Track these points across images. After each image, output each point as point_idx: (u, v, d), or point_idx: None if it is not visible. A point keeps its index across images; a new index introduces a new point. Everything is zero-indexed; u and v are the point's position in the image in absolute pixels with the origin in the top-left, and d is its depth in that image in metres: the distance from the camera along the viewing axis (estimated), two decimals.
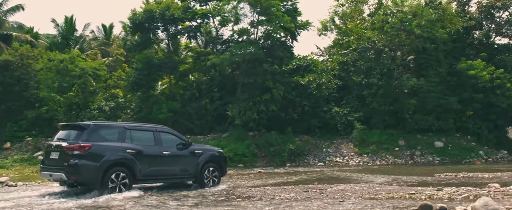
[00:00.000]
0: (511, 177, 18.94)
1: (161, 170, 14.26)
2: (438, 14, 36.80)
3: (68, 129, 13.75)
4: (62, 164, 12.62)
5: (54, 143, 13.45)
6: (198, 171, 14.93)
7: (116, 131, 13.59)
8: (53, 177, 13.21)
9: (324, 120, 35.26)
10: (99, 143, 12.89)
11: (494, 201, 9.26)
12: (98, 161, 12.61)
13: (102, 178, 12.63)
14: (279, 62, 35.70)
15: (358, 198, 12.35)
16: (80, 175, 12.58)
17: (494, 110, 36.41)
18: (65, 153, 12.60)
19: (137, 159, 13.41)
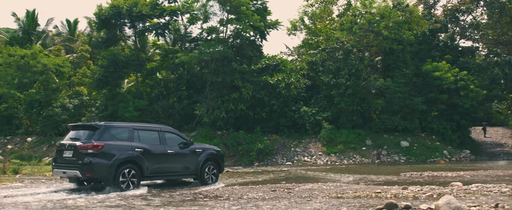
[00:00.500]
0: (473, 176, 19.26)
1: (166, 167, 14.96)
2: (405, 16, 37.38)
3: (79, 129, 14.45)
4: (76, 162, 13.27)
5: (68, 142, 13.92)
6: (199, 168, 15.65)
7: (125, 131, 14.31)
8: (67, 174, 13.84)
9: (293, 119, 35.28)
10: (110, 142, 13.59)
11: (456, 199, 9.36)
12: (110, 159, 13.31)
13: (114, 175, 13.34)
14: (248, 61, 35.55)
15: (325, 197, 12.33)
16: (94, 172, 13.25)
17: (458, 111, 37.19)
18: (79, 151, 13.25)
19: (145, 157, 14.11)
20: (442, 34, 42.99)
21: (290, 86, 34.47)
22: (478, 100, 37.46)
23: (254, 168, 27.73)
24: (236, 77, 33.72)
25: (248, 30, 34.96)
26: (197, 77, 36.56)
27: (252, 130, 33.79)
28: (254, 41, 37.25)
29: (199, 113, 33.34)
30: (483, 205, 10.16)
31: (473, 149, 38.42)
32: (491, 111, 49.28)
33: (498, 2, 40.46)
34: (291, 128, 35.48)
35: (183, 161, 15.43)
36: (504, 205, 10.20)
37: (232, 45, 35.83)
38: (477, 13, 44.26)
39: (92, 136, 13.55)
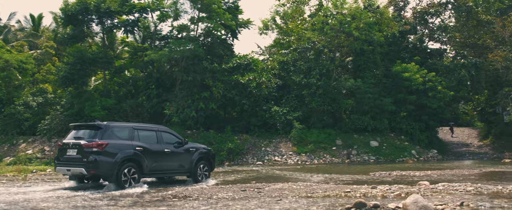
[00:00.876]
0: (440, 175, 19.55)
1: (163, 165, 15.62)
2: (375, 18, 37.74)
3: (81, 128, 14.95)
4: (81, 160, 13.84)
5: (71, 141, 14.40)
6: (192, 167, 16.41)
7: (126, 130, 14.96)
8: (72, 172, 14.37)
9: (264, 119, 35.22)
10: (113, 141, 14.19)
11: (423, 198, 9.51)
12: (113, 157, 13.93)
13: (117, 172, 13.93)
14: (219, 60, 35.34)
15: (295, 196, 12.33)
16: (99, 169, 13.79)
17: (426, 111, 37.72)
18: (84, 150, 13.83)
19: (144, 155, 14.78)
20: (412, 36, 43.57)
21: (261, 86, 34.38)
22: (446, 101, 38.07)
23: (224, 167, 27.55)
24: (206, 76, 33.46)
25: (220, 29, 34.70)
26: (167, 76, 36.14)
27: (222, 129, 33.59)
28: (225, 40, 37.05)
29: (168, 112, 32.95)
30: (449, 204, 10.31)
31: (440, 149, 39.06)
32: (457, 112, 50.23)
33: (465, 6, 41.17)
34: (261, 128, 35.41)
35: (178, 159, 16.08)
36: (469, 203, 10.39)
37: (203, 43, 35.56)
38: (445, 16, 45.01)
39: (95, 135, 14.12)
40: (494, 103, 42.36)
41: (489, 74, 40.13)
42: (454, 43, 45.70)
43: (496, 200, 11.17)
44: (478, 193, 12.56)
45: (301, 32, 37.75)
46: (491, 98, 43.40)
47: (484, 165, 26.80)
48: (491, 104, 44.11)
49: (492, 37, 40.77)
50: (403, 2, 44.17)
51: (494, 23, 40.32)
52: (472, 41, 43.24)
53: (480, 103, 48.82)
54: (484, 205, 10.24)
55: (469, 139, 48.38)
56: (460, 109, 53.61)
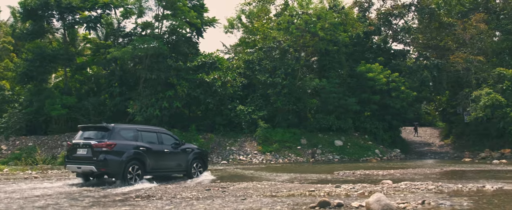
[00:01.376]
0: (402, 174, 19.79)
1: (163, 164, 16.70)
2: (340, 18, 38.07)
3: (90, 129, 16.05)
4: (92, 159, 14.79)
5: (82, 141, 15.35)
6: (189, 165, 17.53)
7: (131, 132, 16.06)
8: (82, 169, 15.30)
9: (229, 118, 35.06)
10: (120, 141, 15.21)
11: (386, 197, 9.58)
12: (121, 156, 14.97)
13: (123, 170, 14.94)
14: (184, 59, 34.96)
15: (260, 195, 12.28)
16: (108, 167, 14.82)
17: (389, 111, 38.28)
18: (94, 149, 14.81)
19: (147, 155, 15.80)
20: (376, 37, 44.13)
21: (226, 85, 34.20)
22: (408, 102, 38.74)
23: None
24: (171, 75, 33.08)
25: (184, 27, 34.39)
26: (130, 74, 35.58)
27: (187, 128, 33.25)
28: (190, 38, 36.69)
29: (132, 110, 32.43)
30: (410, 202, 10.40)
31: (403, 148, 39.67)
32: (420, 112, 51.17)
33: (428, 8, 41.99)
34: (226, 127, 35.23)
35: (176, 159, 17.21)
36: (430, 201, 10.50)
37: (168, 41, 35.13)
38: (408, 18, 45.87)
39: (104, 136, 15.14)
40: (455, 104, 43.25)
41: (451, 75, 40.98)
42: (417, 44, 46.59)
43: (456, 198, 11.32)
44: (439, 192, 12.71)
45: (266, 32, 37.75)
46: (452, 99, 44.30)
47: (445, 164, 27.30)
48: (452, 104, 45.04)
49: (453, 39, 41.70)
50: (367, 3, 44.73)
51: (455, 26, 41.24)
52: (434, 43, 44.13)
53: (441, 104, 49.87)
54: (444, 203, 10.37)
55: (431, 138, 49.34)
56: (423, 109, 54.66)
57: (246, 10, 42.34)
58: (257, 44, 39.20)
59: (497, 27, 41.85)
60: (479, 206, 10.16)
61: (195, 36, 37.20)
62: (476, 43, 40.35)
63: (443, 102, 48.99)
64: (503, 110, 34.29)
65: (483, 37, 39.96)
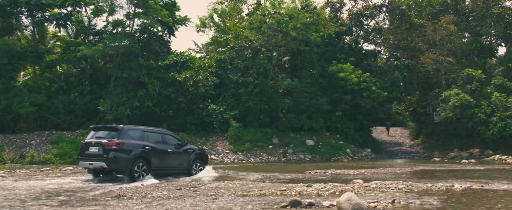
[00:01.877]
0: (373, 174, 20.02)
1: (167, 163, 17.81)
2: (312, 18, 38.18)
3: (101, 130, 17.27)
4: (102, 156, 15.99)
5: (93, 140, 16.57)
6: (190, 164, 18.68)
7: (138, 132, 17.27)
8: (94, 165, 16.43)
9: (200, 117, 34.85)
10: (128, 140, 16.40)
11: (356, 196, 9.68)
12: (129, 154, 16.15)
13: (131, 167, 16.10)
14: (156, 57, 34.64)
15: (231, 195, 12.26)
16: (117, 164, 15.99)
17: (360, 111, 38.61)
18: (105, 147, 16.00)
19: (152, 153, 16.97)
20: (347, 37, 44.51)
21: (198, 84, 34.00)
22: (379, 102, 39.17)
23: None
24: (142, 73, 32.77)
25: (156, 25, 34.14)
26: (101, 72, 35.11)
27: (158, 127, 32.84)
28: (162, 37, 36.40)
29: (102, 108, 31.98)
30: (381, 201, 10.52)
31: (374, 148, 40.10)
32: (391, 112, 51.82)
33: (399, 9, 42.55)
34: (198, 126, 35.04)
35: (179, 158, 18.35)
36: (400, 200, 10.64)
37: (139, 40, 34.78)
38: (379, 19, 46.39)
39: (114, 136, 16.33)
40: (425, 104, 43.98)
41: (421, 76, 41.61)
42: (388, 45, 47.16)
43: (425, 197, 11.47)
44: (409, 191, 12.86)
45: (238, 31, 37.64)
46: (422, 99, 45.02)
47: (415, 164, 27.64)
48: (422, 105, 45.78)
49: (423, 40, 42.33)
50: (339, 3, 45.06)
51: (425, 27, 41.89)
52: (405, 44, 44.72)
53: (412, 104, 50.59)
54: (414, 202, 10.49)
55: (402, 138, 50.02)
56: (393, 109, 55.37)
57: (218, 9, 42.15)
58: (229, 44, 39.06)
59: (466, 29, 42.68)
60: (448, 205, 10.31)
61: (167, 35, 36.93)
62: (446, 44, 41.05)
63: (414, 103, 49.71)
64: (472, 110, 34.97)
65: (453, 39, 40.67)
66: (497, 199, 11.34)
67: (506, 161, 29.41)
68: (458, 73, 38.14)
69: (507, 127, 33.92)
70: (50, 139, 31.24)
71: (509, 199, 11.41)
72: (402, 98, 49.27)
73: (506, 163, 28.57)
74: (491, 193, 12.51)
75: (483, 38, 43.76)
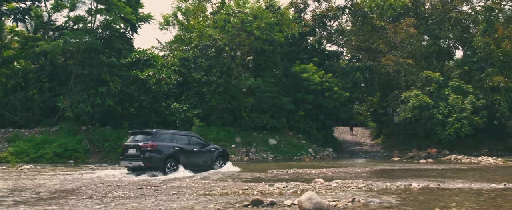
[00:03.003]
0: (334, 173, 20.26)
1: (192, 160, 20.45)
2: (276, 19, 38.36)
3: (138, 134, 20.10)
4: (140, 156, 18.81)
5: (132, 143, 19.42)
6: (213, 162, 21.49)
7: (168, 135, 20.28)
8: (133, 164, 19.21)
9: (163, 116, 34.55)
10: (160, 143, 19.31)
11: (317, 195, 9.79)
12: (161, 154, 19.06)
13: (163, 164, 18.98)
14: (118, 55, 34.15)
15: (193, 194, 12.24)
16: (152, 162, 18.79)
17: (323, 111, 39.03)
18: (142, 149, 18.83)
19: (180, 153, 19.82)
20: (311, 38, 44.88)
21: (161, 82, 33.70)
22: (341, 102, 39.69)
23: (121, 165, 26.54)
24: (104, 71, 32.26)
25: (119, 22, 33.60)
26: (61, 69, 34.39)
27: (119, 125, 32.45)
28: (125, 34, 35.92)
29: (62, 105, 31.31)
30: (341, 200, 10.67)
31: (335, 147, 40.60)
32: (352, 112, 52.52)
33: (361, 12, 43.21)
34: (161, 124, 34.61)
35: (203, 156, 21.13)
36: (360, 199, 10.81)
37: (101, 36, 34.21)
38: (342, 20, 47.02)
39: (149, 139, 19.19)
40: (386, 105, 44.80)
41: (382, 77, 42.37)
42: (350, 46, 47.82)
43: (385, 196, 11.69)
44: (369, 190, 13.08)
45: (202, 29, 37.49)
46: (383, 100, 45.86)
47: (375, 163, 28.09)
48: (383, 105, 46.62)
49: (385, 42, 43.12)
50: (303, 4, 45.39)
51: (387, 29, 42.69)
52: (366, 45, 45.48)
53: (373, 105, 51.48)
54: (373, 201, 10.67)
55: (363, 138, 50.80)
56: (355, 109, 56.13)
57: (182, 7, 41.86)
58: (192, 42, 38.87)
59: (425, 32, 43.71)
60: (406, 203, 10.53)
61: (130, 32, 36.46)
62: (406, 46, 41.90)
63: (374, 103, 50.58)
64: (430, 111, 35.87)
65: (413, 41, 41.57)
66: (452, 197, 11.68)
67: (461, 161, 30.22)
68: (417, 75, 39.05)
69: (463, 128, 34.96)
70: (6, 137, 30.42)
71: (464, 197, 11.77)
72: (363, 98, 50.05)
73: (462, 162, 29.38)
74: (447, 192, 12.87)
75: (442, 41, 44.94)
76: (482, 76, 38.01)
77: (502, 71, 37.44)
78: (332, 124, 41.78)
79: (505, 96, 36.63)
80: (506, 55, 37.24)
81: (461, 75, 40.47)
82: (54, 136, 30.55)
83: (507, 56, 37.26)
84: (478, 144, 39.23)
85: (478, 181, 15.77)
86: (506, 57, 37.31)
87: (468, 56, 41.09)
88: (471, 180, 16.16)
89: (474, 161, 29.37)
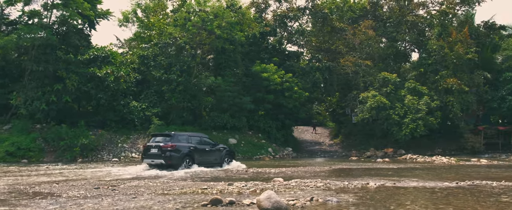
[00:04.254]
0: (293, 172, 20.51)
1: (205, 158, 23.02)
2: (237, 18, 38.32)
3: (158, 136, 23.12)
4: (161, 155, 21.22)
5: (153, 144, 21.89)
6: (222, 159, 24.01)
7: (185, 136, 22.91)
8: (155, 162, 21.41)
9: (121, 114, 34.00)
10: (178, 143, 21.82)
11: (276, 194, 9.82)
12: (179, 153, 21.56)
13: (181, 162, 21.47)
14: (75, 51, 33.30)
15: (152, 194, 12.15)
16: (172, 161, 21.22)
17: (283, 110, 39.26)
18: (162, 149, 21.25)
19: (195, 152, 22.42)
20: (271, 38, 45.07)
21: (119, 80, 33.16)
22: (301, 102, 39.98)
23: (77, 164, 26.02)
24: (60, 67, 31.47)
25: (76, 18, 32.83)
26: (15, 65, 33.40)
27: (76, 124, 31.66)
28: (82, 30, 35.13)
29: (15, 102, 30.39)
30: (300, 199, 10.79)
31: (295, 147, 40.88)
32: (312, 112, 53.08)
33: (321, 13, 43.67)
34: (119, 123, 34.16)
35: (213, 155, 23.67)
36: (318, 198, 10.93)
37: (57, 32, 33.36)
38: (303, 21, 47.40)
39: (168, 140, 21.77)
40: (344, 105, 45.46)
41: (341, 77, 42.96)
42: (310, 47, 48.29)
43: (342, 194, 11.85)
44: (327, 189, 13.23)
45: (162, 27, 37.10)
46: (341, 100, 46.50)
47: (333, 163, 28.49)
48: (341, 106, 47.29)
49: (344, 43, 43.71)
50: (264, 4, 45.55)
51: (346, 31, 43.31)
52: (326, 46, 46.00)
53: (332, 105, 52.10)
54: (331, 199, 10.80)
55: (322, 137, 51.37)
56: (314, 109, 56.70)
57: (142, 4, 41.29)
58: (152, 40, 38.39)
59: (383, 34, 44.62)
60: (363, 202, 10.71)
61: (87, 28, 35.70)
62: (365, 48, 42.62)
63: (333, 103, 51.21)
64: (387, 111, 36.61)
65: (371, 43, 42.33)
66: (407, 196, 11.96)
67: (416, 160, 31.02)
68: (375, 76, 39.76)
69: (418, 128, 35.85)
70: None
71: (418, 195, 12.08)
72: (322, 99, 50.60)
73: (417, 161, 30.16)
74: (402, 190, 13.17)
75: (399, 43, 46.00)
76: (437, 78, 39.05)
77: (455, 74, 38.56)
78: (291, 124, 42.06)
79: (458, 98, 37.76)
80: (459, 58, 38.39)
81: (417, 77, 41.45)
82: (6, 134, 29.61)
83: (460, 59, 38.43)
84: (432, 144, 40.39)
85: (432, 180, 16.23)
86: (459, 60, 38.46)
87: (423, 59, 42.13)
88: (425, 179, 16.61)
89: (428, 160, 30.24)
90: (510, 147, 40.87)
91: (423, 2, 45.37)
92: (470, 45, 39.09)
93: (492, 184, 14.61)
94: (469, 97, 38.17)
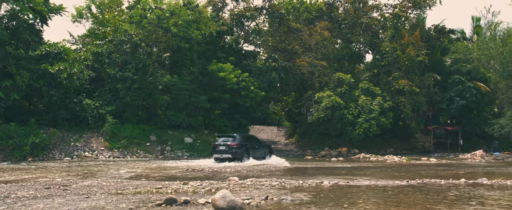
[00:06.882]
0: (249, 171, 20.68)
1: (256, 154, 28.51)
2: (194, 16, 38.17)
3: (225, 137, 28.56)
4: (228, 151, 26.86)
5: (221, 143, 27.35)
6: (266, 154, 29.89)
7: (243, 137, 28.62)
8: (223, 157, 26.82)
9: (74, 112, 33.24)
10: (240, 142, 27.33)
11: (231, 193, 9.86)
12: (241, 149, 27.14)
13: (242, 157, 27.02)
14: (26, 47, 32.29)
15: (105, 193, 12.01)
16: (236, 155, 26.81)
17: (239, 110, 39.35)
18: (229, 146, 26.88)
19: (250, 148, 28.11)
20: (228, 37, 45.02)
21: (72, 77, 32.39)
22: (257, 101, 40.14)
23: (27, 163, 25.30)
24: (9, 63, 30.44)
25: (27, 12, 31.85)
26: None
27: (26, 122, 30.75)
28: (34, 25, 34.07)
29: None
30: (255, 198, 10.91)
31: None
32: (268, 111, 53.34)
33: (278, 13, 43.97)
34: (71, 121, 33.38)
35: (261, 151, 29.66)
36: (273, 197, 11.07)
37: (7, 26, 32.23)
38: (260, 21, 47.58)
39: (233, 140, 27.31)
40: (300, 105, 45.93)
41: (297, 77, 43.38)
42: (267, 46, 48.51)
43: (297, 193, 12.01)
44: (282, 188, 13.38)
45: (118, 24, 36.46)
46: (297, 100, 46.96)
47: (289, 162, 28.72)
48: (297, 105, 47.74)
49: (300, 43, 44.17)
50: (221, 3, 45.46)
51: (302, 31, 43.79)
52: (282, 46, 46.32)
53: (288, 104, 52.56)
54: (286, 198, 10.93)
55: (277, 137, 51.77)
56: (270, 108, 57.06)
57: (96, 0, 40.44)
58: (107, 37, 37.64)
59: (338, 36, 45.38)
60: (317, 200, 10.89)
61: (39, 24, 34.63)
62: (320, 49, 43.21)
63: (289, 103, 51.67)
64: (341, 111, 37.27)
65: (327, 44, 42.95)
66: (359, 194, 12.23)
67: (369, 159, 31.72)
68: (330, 77, 40.41)
69: (371, 128, 36.67)
70: None
71: (370, 194, 12.36)
72: (278, 98, 50.92)
73: (370, 160, 30.83)
74: (355, 189, 13.45)
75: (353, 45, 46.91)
76: (389, 79, 40.02)
77: (407, 75, 39.61)
78: (248, 123, 42.19)
79: (409, 99, 38.81)
80: (411, 60, 39.44)
81: (371, 78, 42.38)
82: None
83: (412, 61, 39.49)
84: (385, 143, 41.44)
85: (384, 179, 16.66)
86: (411, 62, 39.51)
87: (377, 60, 43.08)
88: (377, 178, 17.04)
89: (380, 159, 31.00)
90: (458, 146, 42.41)
91: (377, 5, 46.44)
92: (421, 48, 40.21)
93: (441, 182, 15.13)
94: (419, 98, 39.27)
